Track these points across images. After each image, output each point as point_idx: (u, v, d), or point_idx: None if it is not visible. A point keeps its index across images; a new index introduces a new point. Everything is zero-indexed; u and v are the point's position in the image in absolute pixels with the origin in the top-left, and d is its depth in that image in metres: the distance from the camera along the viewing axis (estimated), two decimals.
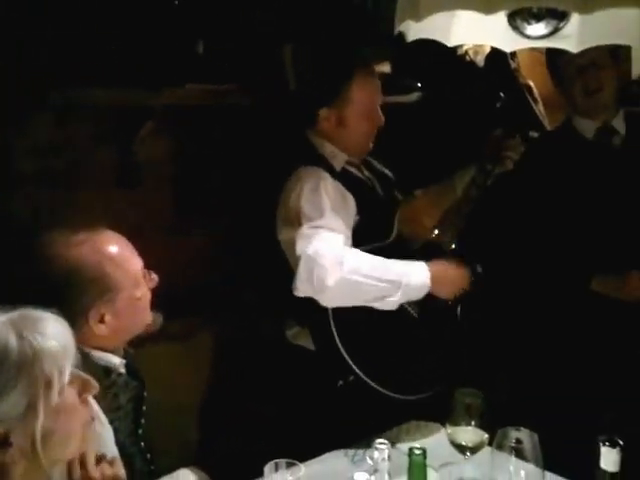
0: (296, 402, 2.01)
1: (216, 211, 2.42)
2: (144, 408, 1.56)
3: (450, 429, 1.49)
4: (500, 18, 1.37)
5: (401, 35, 1.65)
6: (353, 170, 2.07)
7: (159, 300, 1.59)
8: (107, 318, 1.44)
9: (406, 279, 1.79)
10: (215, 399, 2.37)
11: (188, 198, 2.39)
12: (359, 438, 1.74)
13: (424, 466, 1.23)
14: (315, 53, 2.42)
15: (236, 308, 2.38)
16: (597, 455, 1.08)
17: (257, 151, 2.42)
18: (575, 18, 1.30)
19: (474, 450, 1.46)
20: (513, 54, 3.42)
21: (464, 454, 1.47)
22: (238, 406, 2.34)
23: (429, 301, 1.90)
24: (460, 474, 1.46)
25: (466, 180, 2.10)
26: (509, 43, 1.41)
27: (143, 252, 1.56)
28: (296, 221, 1.85)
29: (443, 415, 1.51)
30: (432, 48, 3.18)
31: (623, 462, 1.07)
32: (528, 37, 1.41)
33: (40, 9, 1.91)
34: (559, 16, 1.34)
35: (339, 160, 2.02)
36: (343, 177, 1.99)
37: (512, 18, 1.39)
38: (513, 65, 3.35)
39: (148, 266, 1.57)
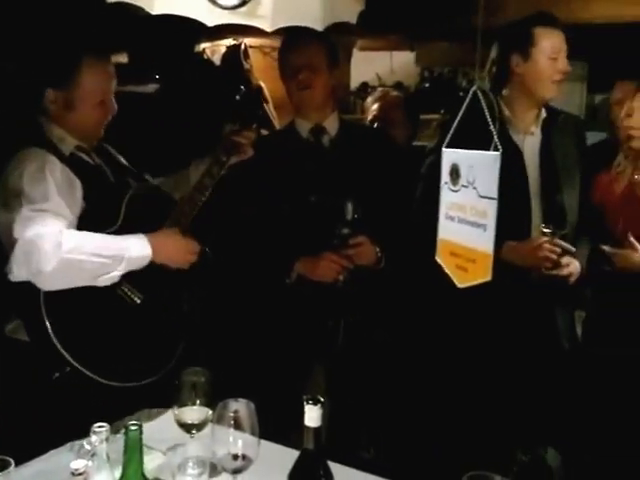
0: (17, 400, 1.82)
1: None
2: None
3: (177, 410, 1.45)
4: None
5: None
6: (83, 155, 1.96)
7: None
8: None
9: (128, 252, 1.78)
10: None
11: None
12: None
13: (140, 441, 1.17)
14: (40, 33, 2.22)
15: None
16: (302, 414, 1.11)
17: None
18: None
19: (200, 427, 1.44)
20: (247, 56, 3.56)
21: (190, 433, 1.44)
22: None
23: (154, 285, 1.86)
24: (185, 454, 1.41)
25: (200, 170, 2.09)
26: (210, 17, 1.42)
27: None
28: (16, 203, 1.72)
29: None
30: (170, 42, 3.12)
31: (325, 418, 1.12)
32: (222, 8, 1.43)
33: None
34: None
35: (68, 144, 1.91)
36: (71, 162, 1.89)
37: None
38: (246, 66, 3.47)
39: None
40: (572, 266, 2.08)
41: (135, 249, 1.79)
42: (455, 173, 1.00)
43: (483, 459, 1.03)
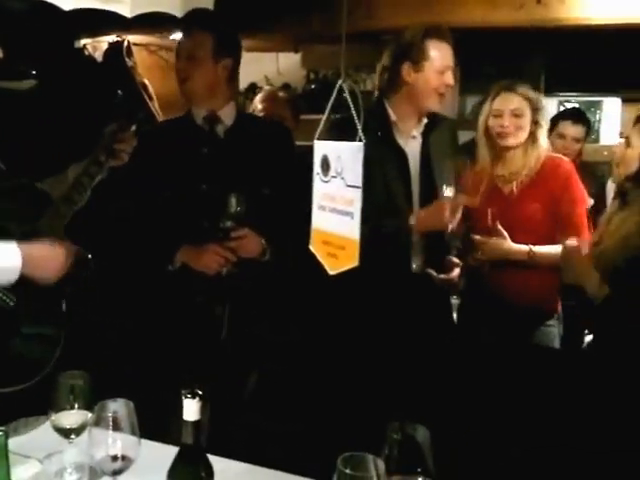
0: None
1: None
2: None
3: (53, 415, 1.36)
4: None
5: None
6: None
7: None
8: None
9: None
10: None
11: None
12: None
13: (5, 447, 1.10)
14: None
15: None
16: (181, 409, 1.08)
17: None
18: None
19: (78, 432, 1.36)
20: (130, 53, 3.44)
21: (69, 438, 1.36)
22: None
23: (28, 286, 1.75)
24: (63, 460, 1.34)
25: (79, 170, 1.99)
26: (67, 0, 1.36)
27: None
28: None
29: None
30: (50, 37, 2.95)
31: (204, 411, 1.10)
32: None
33: None
34: None
35: None
36: None
37: None
38: (130, 63, 3.35)
39: None
40: (458, 270, 2.24)
41: (3, 259, 1.60)
42: (325, 164, 1.02)
43: (359, 440, 1.05)
